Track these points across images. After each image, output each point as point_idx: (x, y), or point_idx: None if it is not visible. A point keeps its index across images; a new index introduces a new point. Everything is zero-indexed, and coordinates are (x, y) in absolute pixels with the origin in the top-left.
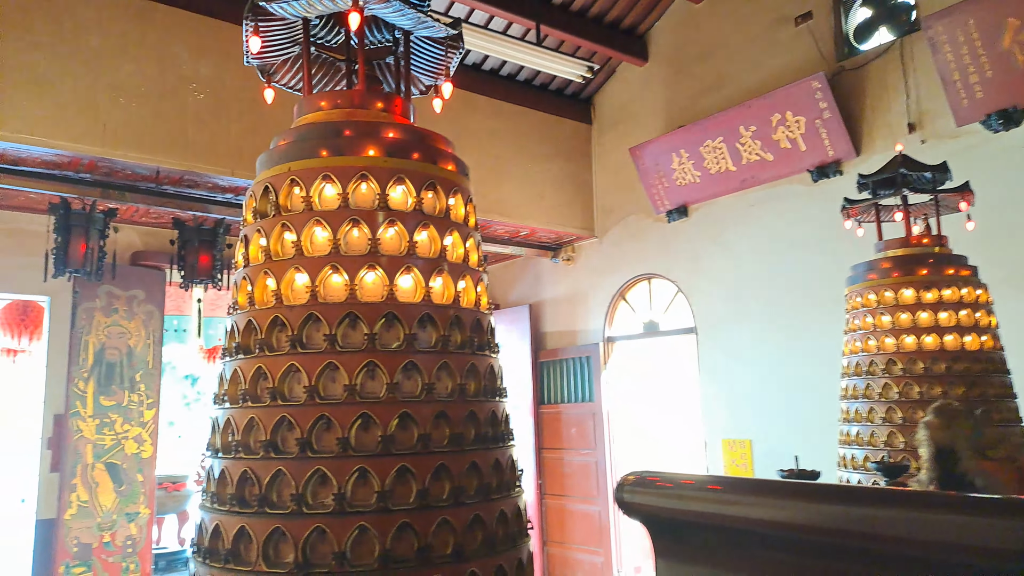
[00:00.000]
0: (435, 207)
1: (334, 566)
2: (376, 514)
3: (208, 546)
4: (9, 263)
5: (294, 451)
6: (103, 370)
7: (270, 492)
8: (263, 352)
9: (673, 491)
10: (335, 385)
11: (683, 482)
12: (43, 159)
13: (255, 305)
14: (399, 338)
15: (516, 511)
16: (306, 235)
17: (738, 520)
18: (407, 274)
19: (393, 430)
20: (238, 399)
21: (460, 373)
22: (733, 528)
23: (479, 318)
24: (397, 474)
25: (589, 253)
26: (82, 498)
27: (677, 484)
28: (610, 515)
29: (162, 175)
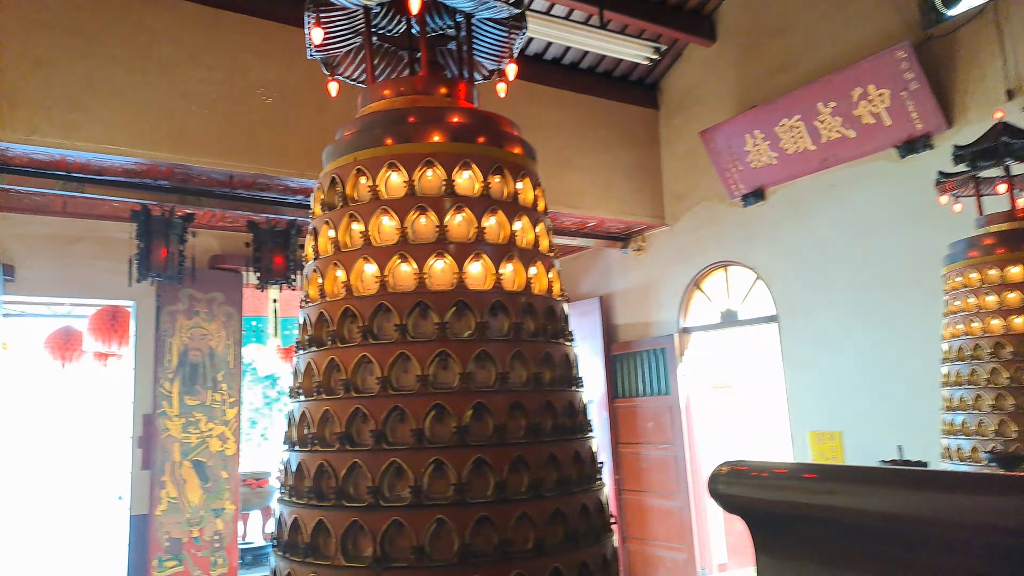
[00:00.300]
0: (503, 191)
1: (413, 560)
2: (454, 507)
3: (287, 540)
4: (98, 270)
5: (369, 443)
6: (187, 371)
7: (347, 485)
8: (335, 344)
9: (775, 481)
10: (408, 376)
11: (785, 471)
12: (124, 167)
13: (326, 297)
14: (470, 327)
15: (598, 505)
16: (374, 225)
17: (850, 512)
18: (476, 261)
19: (468, 421)
20: (312, 392)
21: (534, 362)
22: (844, 521)
23: (552, 305)
24: (473, 466)
25: (660, 242)
26: (171, 495)
27: (779, 474)
28: (692, 511)
29: (235, 179)
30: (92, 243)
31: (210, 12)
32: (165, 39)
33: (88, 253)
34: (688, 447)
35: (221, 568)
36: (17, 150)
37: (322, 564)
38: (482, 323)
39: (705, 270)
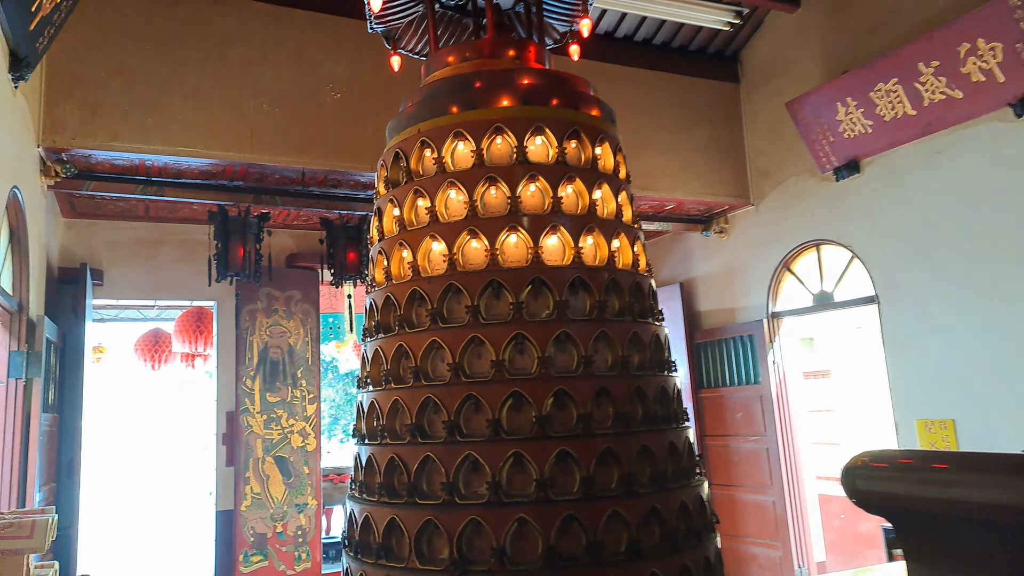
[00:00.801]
0: (580, 157)
1: (494, 564)
2: (536, 505)
3: (359, 539)
4: (181, 272)
5: (442, 435)
6: (267, 368)
7: (419, 480)
8: (403, 329)
9: (930, 475)
10: (481, 362)
11: (946, 463)
12: (200, 169)
13: (392, 280)
14: (548, 306)
15: (699, 502)
16: (440, 200)
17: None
18: (553, 234)
19: (549, 410)
20: (380, 381)
21: (621, 344)
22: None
23: (639, 281)
24: (557, 460)
25: (745, 223)
26: (255, 490)
27: (937, 467)
28: (787, 506)
29: (307, 176)
30: (174, 246)
31: (278, 10)
32: (235, 40)
33: (171, 256)
34: (781, 438)
35: (305, 563)
36: (99, 156)
37: (396, 566)
38: (561, 302)
39: (795, 251)
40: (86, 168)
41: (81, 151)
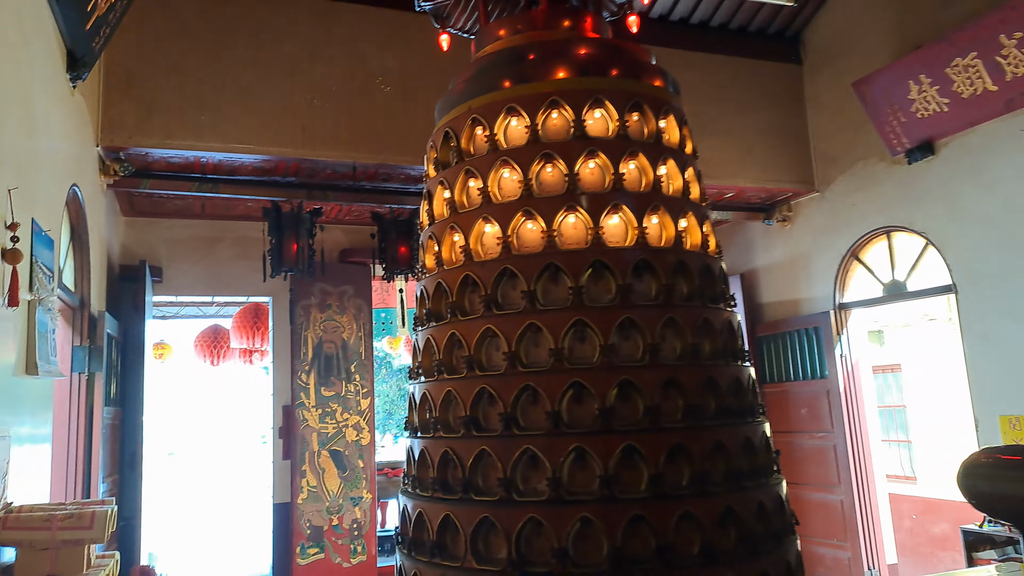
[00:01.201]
0: (643, 131)
1: (555, 565)
2: (600, 504)
3: (412, 536)
4: (237, 268)
5: (498, 428)
6: (322, 363)
7: (475, 476)
8: (455, 317)
9: None
10: (539, 350)
11: None
12: (253, 166)
13: (443, 266)
14: (611, 291)
15: (778, 502)
16: (493, 179)
17: None
18: (615, 214)
19: (612, 402)
20: (433, 371)
21: (691, 331)
22: None
23: (708, 263)
24: (622, 455)
25: (809, 210)
26: (311, 483)
27: None
28: (855, 505)
29: (358, 171)
30: (230, 243)
31: (328, 5)
32: (286, 36)
33: (227, 253)
34: (849, 435)
35: (360, 556)
36: (156, 155)
37: (451, 565)
38: (624, 286)
39: (864, 239)
40: (143, 166)
41: (138, 149)
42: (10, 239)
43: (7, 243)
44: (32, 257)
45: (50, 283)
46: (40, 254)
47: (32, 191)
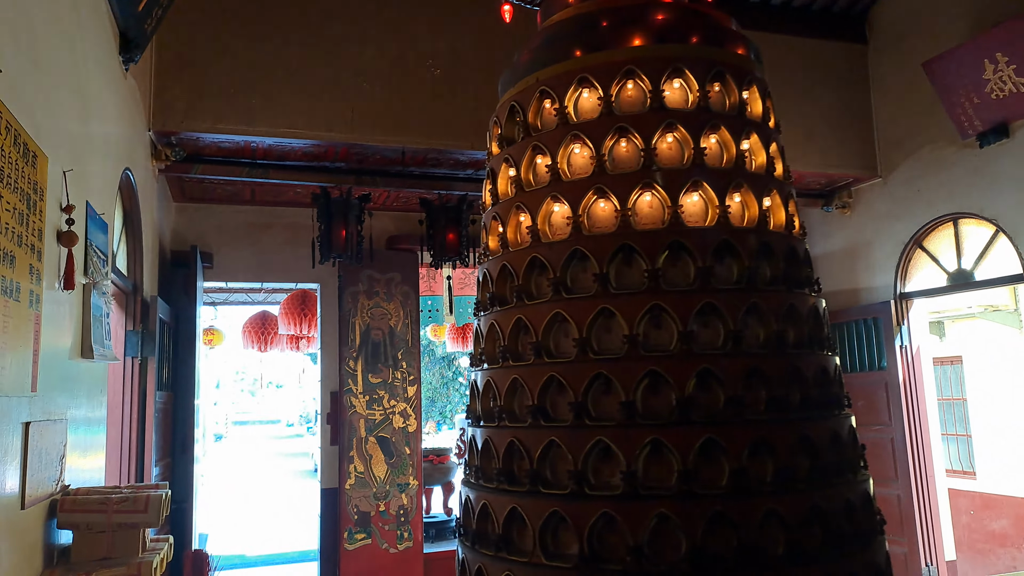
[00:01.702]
0: (724, 103)
1: (629, 563)
2: (679, 499)
3: (475, 529)
4: (286, 255)
5: (568, 418)
6: (369, 350)
7: (543, 468)
8: (522, 301)
9: None
10: (611, 337)
11: None
12: (303, 151)
13: (508, 247)
14: (689, 274)
15: (866, 500)
16: (562, 155)
17: None
18: (694, 192)
19: (691, 392)
20: (497, 358)
21: (775, 317)
22: None
23: (793, 245)
24: (702, 449)
25: (871, 196)
26: (359, 469)
27: None
28: (913, 500)
29: (407, 156)
30: (280, 229)
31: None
32: (336, 17)
33: (276, 239)
34: (908, 428)
35: (407, 542)
36: (207, 139)
37: (518, 560)
38: (705, 269)
39: (928, 226)
40: (194, 151)
41: (189, 134)
42: (65, 222)
43: (62, 226)
44: (87, 240)
45: (104, 267)
46: (95, 237)
47: (86, 174)
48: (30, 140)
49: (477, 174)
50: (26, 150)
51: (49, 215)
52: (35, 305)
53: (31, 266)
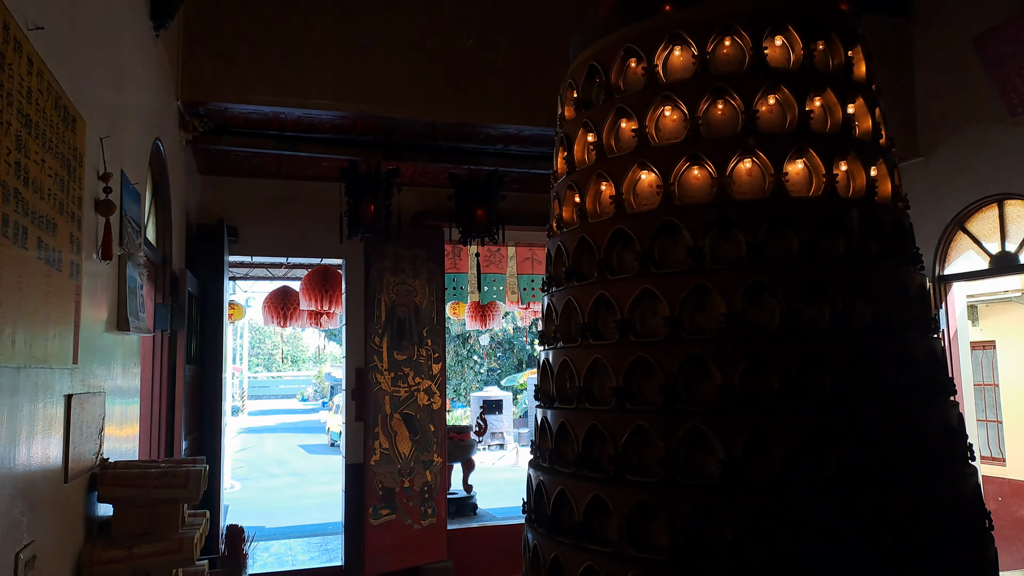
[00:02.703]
0: (829, 62)
1: (726, 556)
2: (781, 491)
3: (550, 515)
4: (312, 230)
5: (657, 402)
6: (395, 326)
7: (629, 454)
8: (604, 276)
9: None
10: (705, 315)
11: None
12: (332, 123)
13: (587, 219)
14: (792, 249)
15: (975, 494)
16: (651, 119)
17: None
18: (799, 159)
19: (794, 375)
20: (575, 336)
21: (883, 296)
22: None
23: (899, 218)
24: (807, 438)
25: (911, 176)
26: (384, 445)
27: None
28: None
29: (437, 129)
30: (305, 204)
31: None
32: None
33: (302, 213)
34: None
35: (431, 518)
36: (235, 111)
37: (602, 551)
38: (809, 243)
39: (971, 207)
40: (222, 122)
41: (218, 104)
42: (103, 190)
43: (99, 194)
44: (122, 210)
45: (138, 238)
46: (129, 208)
47: (120, 143)
48: (70, 104)
49: (507, 149)
50: (66, 114)
51: (87, 183)
52: (75, 275)
53: (71, 235)
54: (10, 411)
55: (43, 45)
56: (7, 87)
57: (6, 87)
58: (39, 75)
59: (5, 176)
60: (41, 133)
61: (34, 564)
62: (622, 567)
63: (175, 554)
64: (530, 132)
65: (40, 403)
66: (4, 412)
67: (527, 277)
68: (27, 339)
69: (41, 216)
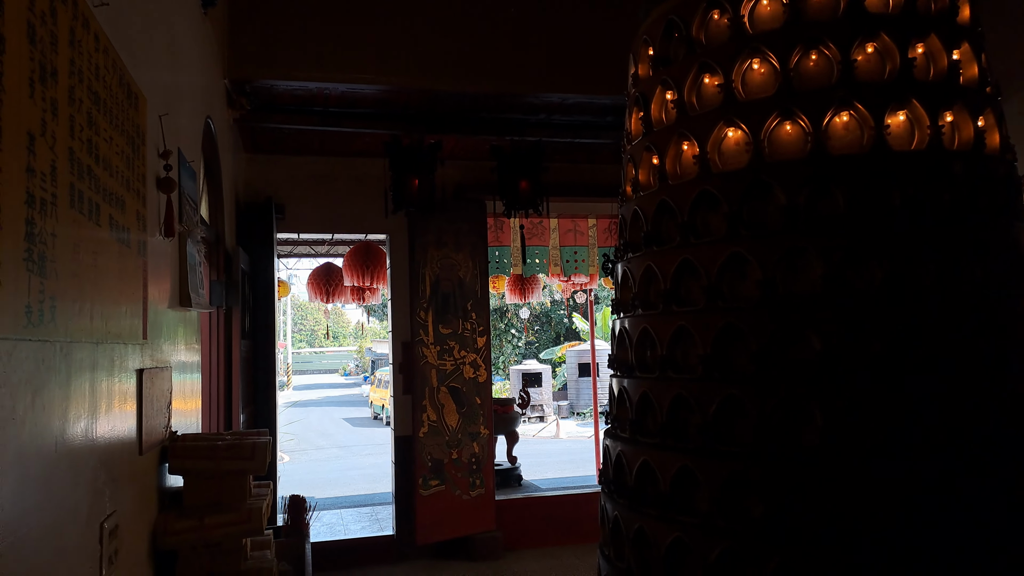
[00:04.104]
0: (931, 6)
1: (825, 530)
2: (888, 463)
3: (633, 486)
4: (355, 205)
5: (748, 371)
6: (439, 300)
7: (718, 424)
8: (687, 240)
9: None
10: (799, 278)
11: None
12: (375, 97)
13: (668, 180)
14: (894, 205)
15: None
16: (737, 72)
17: None
18: (901, 110)
19: (900, 341)
20: (657, 303)
21: (995, 254)
22: None
23: (1009, 172)
24: (920, 404)
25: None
26: (431, 418)
27: None
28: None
29: (479, 100)
30: (347, 180)
31: None
32: None
33: (344, 189)
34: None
35: (479, 489)
36: (281, 87)
37: (689, 522)
38: (914, 199)
39: None
40: (268, 100)
41: (264, 82)
42: (163, 167)
43: (160, 171)
44: (180, 188)
45: (195, 215)
46: (186, 185)
47: (176, 121)
48: (132, 81)
49: (550, 119)
50: (130, 91)
51: (149, 161)
52: (142, 252)
53: (137, 212)
54: (91, 385)
55: (105, 22)
56: (78, 64)
57: (77, 64)
58: (105, 52)
59: (79, 153)
60: (108, 110)
61: (116, 534)
62: (713, 539)
63: (244, 524)
64: (574, 101)
65: (116, 378)
66: (86, 386)
67: (569, 249)
68: (103, 315)
69: (111, 193)
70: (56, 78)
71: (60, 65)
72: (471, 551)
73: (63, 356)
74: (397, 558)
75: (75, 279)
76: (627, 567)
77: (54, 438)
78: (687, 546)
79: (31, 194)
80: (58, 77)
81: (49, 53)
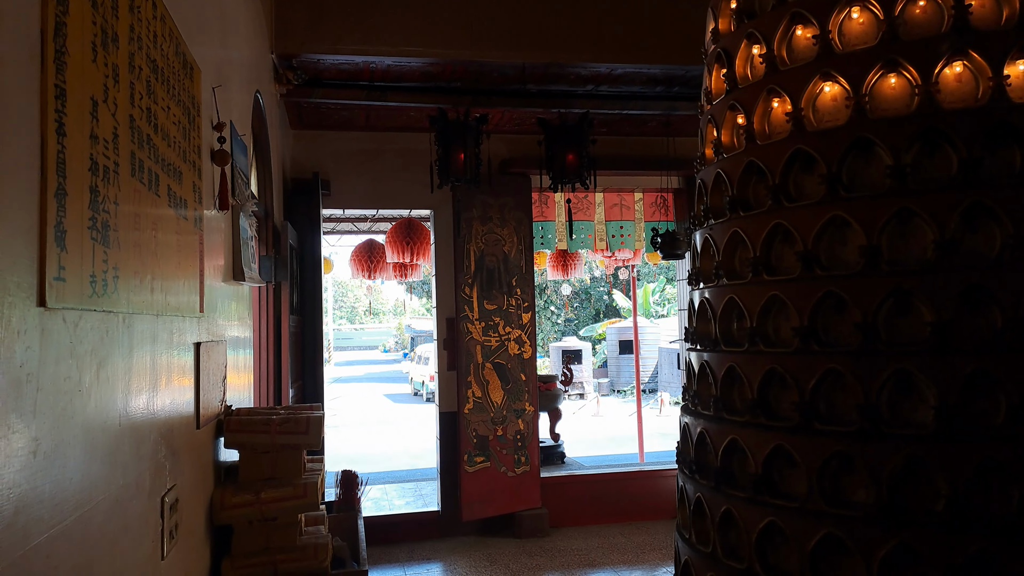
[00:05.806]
0: None
1: (942, 514)
2: (1007, 443)
3: (719, 466)
4: (400, 180)
5: (852, 344)
6: (484, 276)
7: (817, 401)
8: (779, 203)
9: None
10: (907, 245)
11: None
12: (421, 70)
13: (755, 140)
14: (1015, 164)
15: None
16: (834, 23)
17: None
18: (1020, 60)
19: (1022, 312)
20: (743, 272)
21: None
22: None
23: None
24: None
25: None
26: (476, 394)
27: None
28: None
29: (526, 71)
30: (392, 155)
31: None
32: None
33: (389, 165)
34: None
35: (524, 466)
36: (327, 62)
37: (784, 506)
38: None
39: None
40: (315, 75)
41: (310, 56)
42: (217, 139)
43: (214, 144)
44: (232, 161)
45: (247, 189)
46: (238, 159)
47: (228, 93)
48: (188, 51)
49: (597, 90)
50: (185, 61)
51: (204, 132)
52: (198, 225)
53: (193, 184)
54: (152, 358)
55: None
56: (137, 31)
57: (136, 30)
58: (162, 20)
59: (139, 121)
60: (166, 79)
61: (176, 508)
62: (812, 524)
63: (300, 499)
64: (622, 71)
65: (175, 351)
66: (147, 359)
67: (615, 224)
68: (163, 288)
69: (169, 164)
70: (117, 44)
71: (120, 31)
72: (517, 528)
73: (126, 328)
74: (443, 533)
75: (136, 249)
76: (712, 551)
77: (118, 410)
78: (782, 531)
79: (95, 161)
80: (119, 43)
81: (110, 18)
